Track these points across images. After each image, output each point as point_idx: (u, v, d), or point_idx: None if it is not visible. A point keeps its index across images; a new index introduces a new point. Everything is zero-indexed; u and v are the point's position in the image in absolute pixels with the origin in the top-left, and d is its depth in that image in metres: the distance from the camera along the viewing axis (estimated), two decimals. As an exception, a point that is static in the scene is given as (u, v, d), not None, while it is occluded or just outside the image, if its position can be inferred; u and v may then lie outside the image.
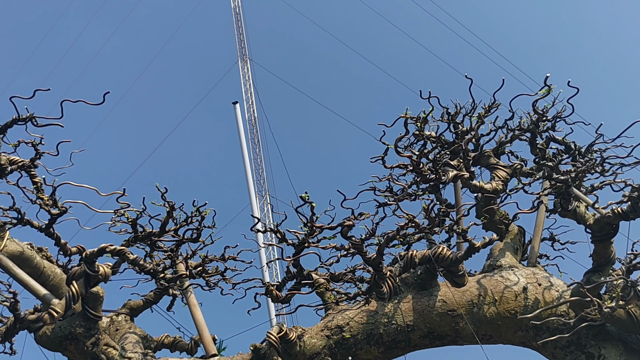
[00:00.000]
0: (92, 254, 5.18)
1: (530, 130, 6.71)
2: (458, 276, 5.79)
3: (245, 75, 39.42)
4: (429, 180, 6.07)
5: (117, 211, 6.17)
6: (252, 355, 6.04)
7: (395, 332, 6.02)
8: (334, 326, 6.09)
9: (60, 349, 5.75)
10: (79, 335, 5.69)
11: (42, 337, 5.76)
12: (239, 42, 40.84)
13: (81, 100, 6.06)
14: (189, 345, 7.40)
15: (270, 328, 5.79)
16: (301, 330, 6.05)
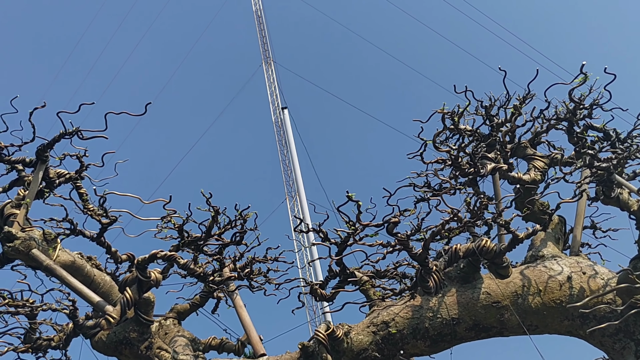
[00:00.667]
0: (144, 260, 5.35)
1: (568, 119, 6.69)
2: (502, 268, 5.81)
3: (270, 77, 39.73)
4: (467, 173, 6.10)
5: (164, 218, 6.34)
6: (301, 354, 6.15)
7: (440, 326, 6.07)
8: (379, 322, 6.16)
9: (116, 354, 5.93)
10: (133, 339, 5.86)
11: (98, 342, 5.95)
12: (262, 44, 41.16)
13: (124, 112, 6.25)
14: (236, 347, 7.56)
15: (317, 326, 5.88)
16: (347, 327, 6.14)
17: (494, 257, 5.64)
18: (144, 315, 5.86)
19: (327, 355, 5.70)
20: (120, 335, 5.86)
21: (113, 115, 6.29)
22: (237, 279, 6.93)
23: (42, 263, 6.16)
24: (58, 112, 6.08)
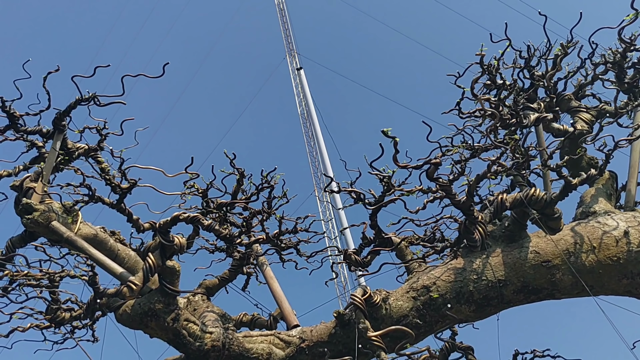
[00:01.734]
0: (166, 223, 5.03)
1: (617, 63, 6.15)
2: (553, 219, 5.33)
3: (294, 69, 39.35)
4: (509, 125, 5.63)
5: (187, 182, 6.02)
6: (336, 323, 5.78)
7: (486, 289, 5.62)
8: (419, 287, 5.75)
9: (142, 326, 5.62)
10: (159, 311, 5.54)
11: (123, 315, 5.64)
12: (285, 37, 40.83)
13: (142, 74, 5.94)
14: (268, 322, 7.23)
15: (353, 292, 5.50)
16: (385, 293, 5.74)
17: (545, 207, 5.16)
18: (169, 285, 5.53)
19: (365, 321, 5.30)
20: (145, 306, 5.54)
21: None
22: (266, 242, 6.56)
23: (63, 235, 5.90)
24: (73, 76, 5.80)
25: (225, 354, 5.78)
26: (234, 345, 5.83)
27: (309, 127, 38.84)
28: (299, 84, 23.11)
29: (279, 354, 5.91)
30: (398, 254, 6.20)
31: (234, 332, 5.97)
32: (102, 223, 6.84)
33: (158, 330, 5.64)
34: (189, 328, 5.71)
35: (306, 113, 38.93)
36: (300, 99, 39.36)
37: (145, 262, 5.02)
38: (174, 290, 5.60)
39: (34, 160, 7.40)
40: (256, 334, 6.08)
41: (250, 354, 5.84)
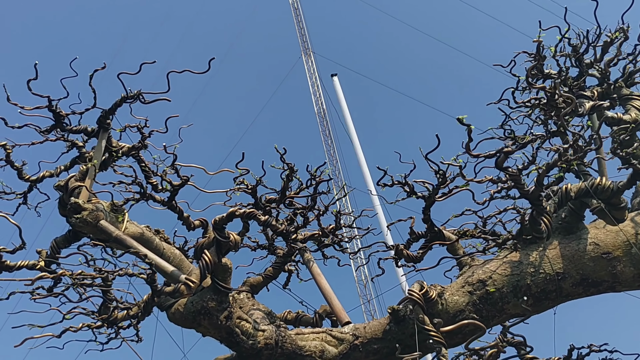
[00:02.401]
0: (221, 219, 4.95)
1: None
2: (619, 209, 5.19)
3: (310, 68, 39.35)
4: (564, 114, 5.50)
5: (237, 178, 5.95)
6: (391, 319, 5.69)
7: (544, 282, 5.50)
8: (475, 281, 5.64)
9: (194, 325, 5.55)
10: (212, 309, 5.47)
11: (175, 314, 5.58)
12: (301, 36, 40.89)
13: (187, 70, 5.88)
14: (314, 319, 7.15)
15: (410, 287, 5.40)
16: (440, 288, 5.64)
17: (611, 197, 5.02)
18: (222, 283, 5.46)
19: (424, 317, 5.20)
20: (198, 305, 5.47)
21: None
22: (322, 236, 6.47)
23: (112, 234, 5.86)
24: (119, 73, 5.75)
25: (278, 351, 5.71)
26: (287, 342, 5.75)
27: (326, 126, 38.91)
28: (334, 91, 22.83)
29: (331, 351, 5.83)
30: (449, 248, 6.09)
31: (285, 329, 5.89)
32: (145, 221, 6.80)
33: (211, 328, 5.57)
34: (241, 326, 5.65)
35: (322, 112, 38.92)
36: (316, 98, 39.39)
37: (201, 259, 4.95)
38: (227, 288, 5.53)
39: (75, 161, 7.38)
40: (308, 331, 6.01)
41: (303, 352, 5.76)
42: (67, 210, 5.89)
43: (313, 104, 38.59)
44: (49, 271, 5.61)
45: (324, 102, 38.76)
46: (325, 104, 38.69)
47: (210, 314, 5.50)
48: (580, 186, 5.02)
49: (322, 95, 38.55)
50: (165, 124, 6.20)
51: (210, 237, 5.23)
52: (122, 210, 6.10)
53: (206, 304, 5.52)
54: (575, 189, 5.03)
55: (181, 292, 4.82)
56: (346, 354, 5.81)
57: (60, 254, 6.57)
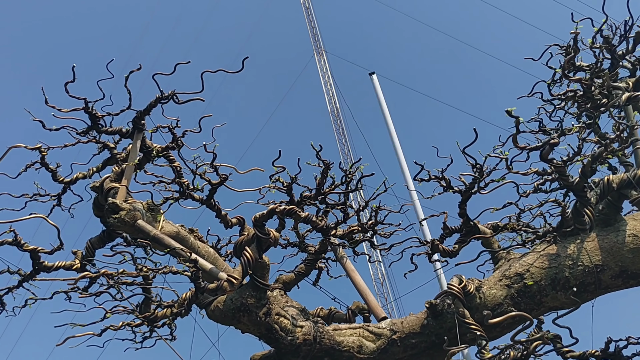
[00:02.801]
0: (262, 216, 5.00)
1: None
2: (660, 200, 5.17)
3: (323, 67, 39.47)
4: (599, 105, 5.48)
5: (272, 176, 6.00)
6: (428, 313, 5.70)
7: (582, 275, 5.48)
8: (512, 274, 5.64)
9: (234, 322, 5.61)
10: (251, 306, 5.52)
11: (215, 311, 5.64)
12: (312, 35, 41.00)
13: (221, 70, 5.93)
14: (347, 315, 7.16)
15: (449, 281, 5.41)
16: (478, 282, 5.64)
17: (654, 188, 5.01)
18: (260, 280, 5.51)
19: (464, 310, 5.21)
20: (238, 302, 5.53)
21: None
22: (362, 232, 6.50)
23: (149, 233, 5.92)
24: (154, 74, 5.80)
25: (316, 347, 5.74)
26: (325, 338, 5.79)
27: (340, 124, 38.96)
28: (374, 90, 22.62)
29: (369, 346, 5.85)
30: (484, 242, 6.09)
31: (323, 325, 5.93)
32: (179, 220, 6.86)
33: (250, 325, 5.62)
34: (280, 322, 5.69)
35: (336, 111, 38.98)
36: (329, 97, 39.48)
37: (242, 256, 5.00)
38: (265, 285, 5.57)
39: (107, 162, 7.48)
40: (345, 327, 6.04)
41: (341, 347, 5.79)
42: (105, 210, 5.96)
43: (326, 102, 38.80)
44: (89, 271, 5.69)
45: (337, 101, 39.01)
46: (338, 102, 38.91)
47: (249, 311, 5.55)
48: (622, 177, 5.00)
49: (335, 94, 38.81)
50: (199, 124, 6.25)
51: (250, 234, 5.27)
52: (159, 209, 6.17)
53: (245, 300, 5.57)
54: (618, 180, 5.01)
55: (224, 288, 4.86)
56: (384, 349, 5.83)
57: (95, 254, 6.66)
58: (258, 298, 5.59)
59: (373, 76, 23.68)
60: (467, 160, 5.12)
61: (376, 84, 23.31)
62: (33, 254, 6.29)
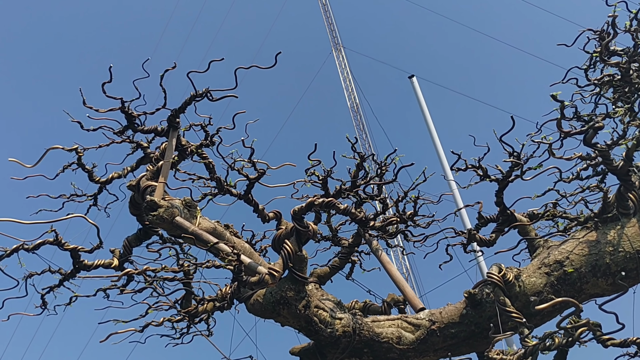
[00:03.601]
0: (301, 209, 5.03)
1: None
2: None
3: (341, 63, 39.46)
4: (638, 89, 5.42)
5: (308, 170, 6.04)
6: (467, 303, 5.70)
7: (624, 261, 5.43)
8: (552, 262, 5.60)
9: (274, 315, 5.66)
10: (290, 299, 5.56)
11: (255, 304, 5.70)
12: (330, 32, 40.99)
13: (255, 66, 5.98)
14: (382, 308, 7.19)
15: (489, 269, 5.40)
16: (517, 270, 5.62)
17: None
18: (299, 273, 5.55)
19: (505, 299, 5.20)
20: (277, 295, 5.58)
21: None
22: (401, 222, 6.51)
23: (188, 229, 5.99)
24: (188, 72, 5.87)
25: (356, 339, 5.77)
26: (364, 330, 5.81)
27: (360, 120, 38.94)
28: (414, 93, 22.42)
29: (408, 337, 5.86)
30: (521, 231, 6.06)
31: (361, 317, 5.96)
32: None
33: (290, 318, 5.67)
34: (319, 315, 5.73)
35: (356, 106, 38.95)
36: (349, 92, 39.48)
37: (283, 249, 5.04)
38: (304, 278, 5.61)
39: (140, 161, 7.58)
40: (383, 319, 6.05)
41: (380, 338, 5.81)
42: (143, 208, 6.05)
43: (345, 98, 38.81)
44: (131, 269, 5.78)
45: (357, 97, 38.96)
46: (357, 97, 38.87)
47: (289, 304, 5.60)
48: (666, 161, 4.96)
49: (354, 90, 38.79)
50: (233, 121, 6.31)
51: (288, 228, 5.32)
52: (195, 206, 6.24)
53: (285, 293, 5.62)
54: (660, 163, 4.97)
55: (266, 281, 4.91)
56: (423, 339, 5.83)
57: (132, 252, 6.76)
58: (297, 291, 5.63)
59: (413, 79, 23.53)
60: (504, 149, 5.10)
61: (416, 87, 23.12)
62: (73, 253, 6.40)
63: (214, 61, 5.85)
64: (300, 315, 5.61)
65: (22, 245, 6.18)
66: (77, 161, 7.04)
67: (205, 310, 5.82)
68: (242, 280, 4.91)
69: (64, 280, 6.78)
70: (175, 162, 6.58)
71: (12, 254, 6.19)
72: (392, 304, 7.15)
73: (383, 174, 6.36)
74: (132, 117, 6.29)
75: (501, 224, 5.87)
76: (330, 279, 7.62)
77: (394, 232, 7.00)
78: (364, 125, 37.68)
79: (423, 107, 22.03)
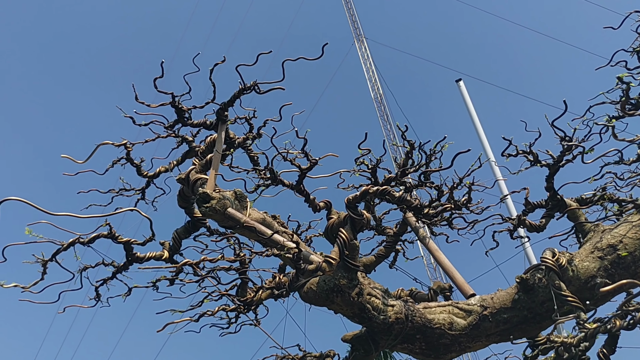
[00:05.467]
0: (355, 198, 5.11)
1: None
2: None
3: (364, 54, 39.39)
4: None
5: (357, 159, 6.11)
6: (519, 288, 5.72)
7: (679, 244, 5.42)
8: (605, 246, 5.61)
9: (327, 303, 5.75)
10: (343, 286, 5.64)
11: (309, 293, 5.79)
12: (352, 23, 40.91)
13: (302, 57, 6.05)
14: (428, 295, 7.23)
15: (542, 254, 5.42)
16: (569, 255, 5.63)
17: None
18: (351, 261, 5.63)
19: (560, 283, 5.21)
20: (331, 283, 5.66)
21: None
22: (455, 209, 6.56)
23: (240, 220, 6.10)
24: (237, 65, 5.96)
25: (408, 325, 5.84)
26: (416, 316, 5.88)
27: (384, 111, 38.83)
28: (460, 95, 22.18)
29: (460, 323, 5.91)
30: (570, 216, 6.07)
31: (413, 304, 6.02)
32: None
33: (343, 305, 5.75)
34: (372, 302, 5.81)
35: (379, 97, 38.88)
36: (372, 83, 39.41)
37: (338, 237, 5.12)
38: (356, 266, 5.69)
39: (186, 155, 7.72)
40: (434, 305, 6.11)
41: (432, 324, 5.87)
42: (195, 200, 6.17)
43: (369, 89, 38.77)
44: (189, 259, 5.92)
45: (380, 87, 38.88)
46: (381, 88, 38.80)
47: (342, 292, 5.68)
48: None
49: (377, 80, 38.72)
50: (280, 112, 6.39)
51: (341, 217, 5.40)
52: (245, 197, 6.35)
53: (338, 281, 5.70)
54: None
55: (323, 269, 5.00)
56: (475, 325, 5.88)
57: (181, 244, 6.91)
58: (350, 279, 5.71)
59: (460, 82, 23.32)
60: (555, 133, 5.11)
61: (463, 91, 22.89)
62: (126, 245, 6.58)
63: (262, 54, 5.94)
64: (354, 302, 5.69)
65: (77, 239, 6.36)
66: (126, 156, 7.20)
67: (259, 299, 5.93)
68: (301, 269, 5.00)
69: (117, 272, 6.95)
70: (224, 155, 6.69)
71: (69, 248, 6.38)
72: (439, 292, 7.19)
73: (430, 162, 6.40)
74: (181, 112, 6.42)
75: (551, 209, 5.88)
76: (374, 268, 7.70)
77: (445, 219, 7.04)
78: (387, 116, 37.65)
79: (471, 111, 21.73)
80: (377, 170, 6.37)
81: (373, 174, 6.33)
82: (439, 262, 6.65)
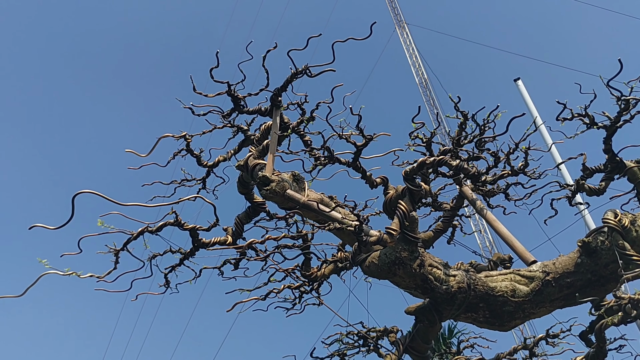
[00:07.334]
0: (412, 170, 5.22)
1: None
2: None
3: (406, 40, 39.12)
4: None
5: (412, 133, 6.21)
6: (581, 252, 5.72)
7: None
8: (668, 205, 5.56)
9: (390, 275, 5.88)
10: (405, 259, 5.77)
11: (370, 266, 5.94)
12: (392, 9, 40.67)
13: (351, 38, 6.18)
14: (488, 267, 7.29)
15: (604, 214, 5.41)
16: (632, 216, 5.59)
17: None
18: (411, 233, 5.74)
19: (624, 243, 5.20)
20: (392, 255, 5.80)
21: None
22: (512, 175, 6.59)
23: (299, 201, 6.31)
24: (289, 50, 6.15)
25: (471, 294, 5.91)
26: (479, 285, 5.94)
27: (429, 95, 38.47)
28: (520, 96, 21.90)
29: (523, 289, 5.94)
30: (630, 177, 6.00)
31: (474, 272, 6.09)
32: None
33: (406, 277, 5.88)
34: (433, 273, 5.91)
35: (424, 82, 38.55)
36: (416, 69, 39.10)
37: (398, 208, 5.25)
38: (416, 238, 5.80)
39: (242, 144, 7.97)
40: (495, 274, 6.16)
41: (495, 292, 5.93)
42: (256, 184, 6.41)
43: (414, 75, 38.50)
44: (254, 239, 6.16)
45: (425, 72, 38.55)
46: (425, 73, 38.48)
47: (404, 264, 5.81)
48: None
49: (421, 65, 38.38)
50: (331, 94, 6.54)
51: (399, 190, 5.52)
52: (303, 179, 6.54)
53: (399, 254, 5.83)
54: None
55: (385, 240, 5.13)
56: (539, 291, 5.90)
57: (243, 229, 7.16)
58: (410, 251, 5.83)
59: (518, 82, 22.99)
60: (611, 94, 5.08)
61: (522, 90, 22.55)
62: (192, 232, 6.86)
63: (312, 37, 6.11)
64: (416, 274, 5.80)
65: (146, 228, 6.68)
66: (186, 147, 7.50)
67: (323, 275, 6.12)
68: (363, 240, 5.16)
69: (185, 258, 7.26)
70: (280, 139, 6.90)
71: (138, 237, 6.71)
72: (499, 263, 7.23)
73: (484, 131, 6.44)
74: (237, 100, 6.65)
75: (610, 172, 5.84)
76: (432, 244, 7.79)
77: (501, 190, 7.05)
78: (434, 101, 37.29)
79: (530, 108, 21.28)
80: (432, 145, 6.45)
81: (428, 147, 6.42)
82: (497, 232, 6.67)
